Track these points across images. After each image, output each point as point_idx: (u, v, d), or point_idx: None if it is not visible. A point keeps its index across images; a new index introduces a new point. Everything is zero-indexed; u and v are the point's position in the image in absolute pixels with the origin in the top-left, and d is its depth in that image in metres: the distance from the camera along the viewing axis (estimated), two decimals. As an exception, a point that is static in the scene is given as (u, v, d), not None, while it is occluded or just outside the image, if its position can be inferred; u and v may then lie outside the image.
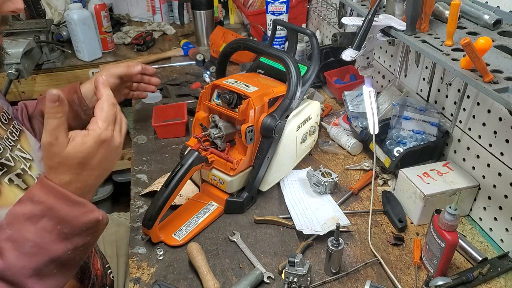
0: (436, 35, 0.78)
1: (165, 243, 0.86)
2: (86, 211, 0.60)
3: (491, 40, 0.61)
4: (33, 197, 0.58)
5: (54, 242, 0.57)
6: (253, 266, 0.81)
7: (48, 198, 0.57)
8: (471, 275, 0.77)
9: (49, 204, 0.57)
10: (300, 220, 0.90)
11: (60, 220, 0.58)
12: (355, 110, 1.19)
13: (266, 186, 0.98)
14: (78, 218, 0.59)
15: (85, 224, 0.60)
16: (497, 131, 0.84)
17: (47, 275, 0.58)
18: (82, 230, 0.60)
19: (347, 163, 1.11)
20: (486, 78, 0.62)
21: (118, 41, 1.94)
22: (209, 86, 0.93)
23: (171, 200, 0.84)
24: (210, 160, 0.90)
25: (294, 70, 0.90)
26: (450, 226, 0.72)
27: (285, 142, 0.95)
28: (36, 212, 0.57)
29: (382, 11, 0.91)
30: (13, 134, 0.77)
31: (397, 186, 0.97)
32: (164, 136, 1.21)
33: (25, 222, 0.57)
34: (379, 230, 0.91)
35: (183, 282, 0.79)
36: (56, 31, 1.83)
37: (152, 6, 2.14)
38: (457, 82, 0.94)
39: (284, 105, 0.91)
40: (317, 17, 1.70)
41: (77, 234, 0.59)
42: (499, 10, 0.80)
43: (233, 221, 0.93)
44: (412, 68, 1.11)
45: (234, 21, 2.15)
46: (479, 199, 0.91)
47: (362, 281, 0.78)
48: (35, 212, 0.57)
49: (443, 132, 1.00)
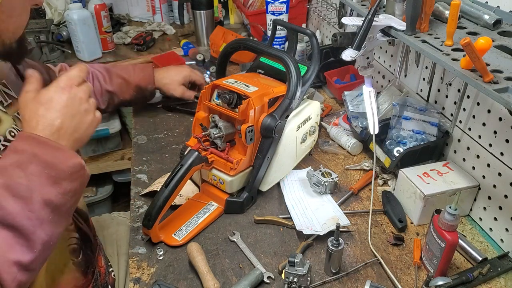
0: (436, 35, 0.78)
1: (165, 243, 0.86)
2: (68, 156, 0.64)
3: (491, 40, 0.61)
4: (16, 147, 0.62)
5: (45, 185, 0.61)
6: (253, 266, 0.81)
7: (30, 147, 0.61)
8: (471, 275, 0.77)
9: (33, 151, 0.61)
10: (300, 220, 0.90)
11: (46, 164, 0.61)
12: (355, 110, 1.19)
13: (266, 186, 0.98)
14: (63, 162, 0.63)
15: (70, 168, 0.63)
16: (497, 131, 0.84)
17: (44, 219, 0.60)
18: (68, 174, 0.63)
19: (347, 163, 1.11)
20: (486, 78, 0.62)
21: (118, 41, 1.94)
22: (209, 86, 0.93)
23: (171, 200, 0.84)
24: (210, 160, 0.90)
25: (294, 70, 0.90)
26: (450, 226, 0.73)
27: (285, 142, 0.95)
28: (23, 159, 0.61)
29: (382, 11, 0.91)
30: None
31: (397, 186, 0.97)
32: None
33: (14, 169, 0.60)
34: (379, 230, 0.91)
35: (183, 282, 0.79)
36: (56, 31, 1.84)
37: (152, 6, 2.13)
38: (457, 82, 0.94)
39: (284, 105, 0.91)
40: (317, 17, 1.70)
41: (64, 178, 0.63)
42: (499, 10, 0.80)
43: (233, 221, 0.93)
44: (412, 68, 1.11)
45: (234, 21, 2.15)
46: (479, 199, 0.91)
47: (362, 281, 0.79)
48: (22, 160, 0.61)
49: (443, 132, 1.00)
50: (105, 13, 1.78)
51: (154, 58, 1.65)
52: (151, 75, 1.24)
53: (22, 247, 0.58)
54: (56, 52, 1.75)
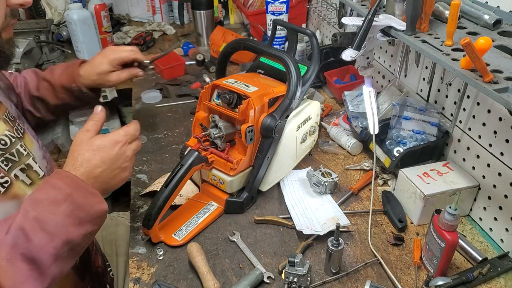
0: (436, 35, 0.78)
1: (165, 243, 0.86)
2: (98, 201, 0.67)
3: (491, 40, 0.61)
4: (54, 184, 0.65)
5: (72, 225, 0.63)
6: (253, 266, 0.81)
7: (67, 186, 0.64)
8: (471, 275, 0.77)
9: (69, 191, 0.64)
10: (300, 220, 0.90)
11: (78, 206, 0.64)
12: (355, 110, 1.19)
13: (266, 186, 0.98)
14: (92, 206, 0.66)
15: (97, 212, 0.67)
16: (497, 131, 0.84)
17: (61, 256, 0.63)
18: (93, 217, 0.66)
19: (347, 163, 1.11)
20: (486, 78, 0.62)
21: (118, 41, 1.94)
22: (209, 86, 0.93)
23: (171, 200, 0.84)
24: (210, 160, 0.90)
25: (294, 70, 0.90)
26: (450, 226, 0.72)
27: (285, 142, 0.95)
28: (59, 197, 0.63)
29: (382, 11, 0.91)
30: (18, 131, 0.79)
31: (397, 186, 0.97)
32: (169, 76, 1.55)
33: (49, 205, 0.63)
34: (379, 230, 0.91)
35: (183, 282, 0.79)
36: (56, 31, 1.84)
37: (152, 6, 2.14)
38: (457, 82, 0.94)
39: (284, 105, 0.91)
40: (317, 17, 1.70)
41: (89, 221, 0.66)
42: (499, 10, 0.79)
43: (233, 221, 0.93)
44: (412, 68, 1.11)
45: (234, 21, 2.15)
46: (479, 199, 0.91)
47: (362, 281, 0.78)
48: (58, 197, 0.63)
49: (443, 132, 1.00)
50: (105, 13, 1.78)
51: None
52: (74, 73, 1.04)
53: (35, 280, 0.60)
54: (56, 52, 1.75)
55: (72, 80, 1.04)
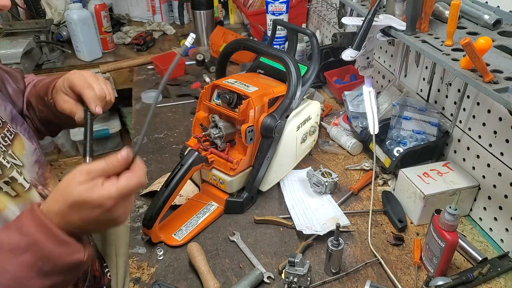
0: (436, 35, 0.78)
1: (165, 243, 0.86)
2: (71, 251, 0.59)
3: (491, 40, 0.61)
4: (21, 227, 0.57)
5: (33, 278, 0.56)
6: (253, 266, 0.81)
7: (35, 232, 0.56)
8: (471, 275, 0.77)
9: (36, 238, 0.56)
10: (300, 220, 0.90)
11: (43, 256, 0.56)
12: (355, 110, 1.19)
13: (266, 186, 0.98)
14: (62, 258, 0.58)
15: (67, 264, 0.59)
16: (497, 131, 0.84)
17: None
18: (63, 269, 0.59)
19: (347, 163, 1.11)
20: (486, 78, 0.62)
21: (118, 41, 1.94)
22: (209, 86, 0.93)
23: (171, 200, 0.84)
24: (210, 160, 0.90)
25: (294, 70, 0.90)
26: (450, 226, 0.72)
27: (285, 142, 0.95)
28: (20, 244, 0.56)
29: (382, 11, 0.91)
30: (5, 138, 0.74)
31: (397, 186, 0.97)
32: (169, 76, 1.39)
33: (7, 253, 0.56)
34: (379, 230, 0.91)
35: (183, 282, 0.79)
36: (56, 31, 1.84)
37: (152, 6, 2.14)
38: (457, 82, 0.94)
39: (284, 105, 0.91)
40: (317, 17, 1.70)
41: (57, 272, 0.58)
42: (499, 10, 0.80)
43: (233, 221, 0.93)
44: (412, 68, 1.11)
45: (234, 21, 2.15)
46: (479, 199, 0.91)
47: (362, 281, 0.78)
48: (19, 245, 0.56)
49: (443, 132, 1.00)
50: (105, 13, 1.78)
51: (154, 58, 1.65)
52: (50, 85, 0.87)
53: None
54: (56, 52, 1.75)
55: (46, 92, 0.87)
